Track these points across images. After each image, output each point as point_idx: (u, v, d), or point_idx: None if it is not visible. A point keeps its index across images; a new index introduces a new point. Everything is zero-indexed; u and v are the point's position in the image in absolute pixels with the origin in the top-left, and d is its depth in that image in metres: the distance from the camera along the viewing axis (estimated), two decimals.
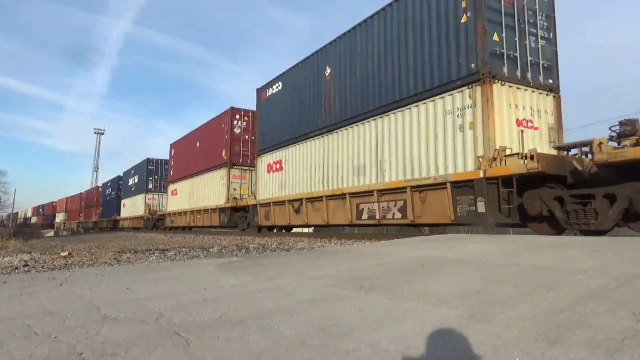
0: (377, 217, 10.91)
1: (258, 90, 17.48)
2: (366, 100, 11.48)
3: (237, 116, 20.04)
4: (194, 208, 23.14)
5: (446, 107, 9.22)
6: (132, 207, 34.12)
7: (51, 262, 6.31)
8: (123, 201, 37.29)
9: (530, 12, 9.26)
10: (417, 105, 9.92)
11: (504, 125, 8.58)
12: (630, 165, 6.41)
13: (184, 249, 8.56)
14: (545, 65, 9.31)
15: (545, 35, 9.43)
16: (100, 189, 46.74)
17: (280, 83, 15.91)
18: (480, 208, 8.25)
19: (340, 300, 2.87)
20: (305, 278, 3.82)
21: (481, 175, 8.21)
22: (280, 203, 15.22)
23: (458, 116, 8.94)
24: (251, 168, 19.38)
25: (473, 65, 8.60)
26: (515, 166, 7.67)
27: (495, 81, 8.51)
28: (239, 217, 19.04)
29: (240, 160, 19.88)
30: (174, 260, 6.36)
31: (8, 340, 2.19)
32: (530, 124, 8.94)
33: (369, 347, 1.95)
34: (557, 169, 7.41)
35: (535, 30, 9.27)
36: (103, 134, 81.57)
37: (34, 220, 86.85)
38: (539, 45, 9.26)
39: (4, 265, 5.88)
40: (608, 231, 6.95)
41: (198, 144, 23.45)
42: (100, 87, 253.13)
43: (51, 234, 44.15)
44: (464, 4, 8.82)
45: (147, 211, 30.54)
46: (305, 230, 17.59)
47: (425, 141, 9.69)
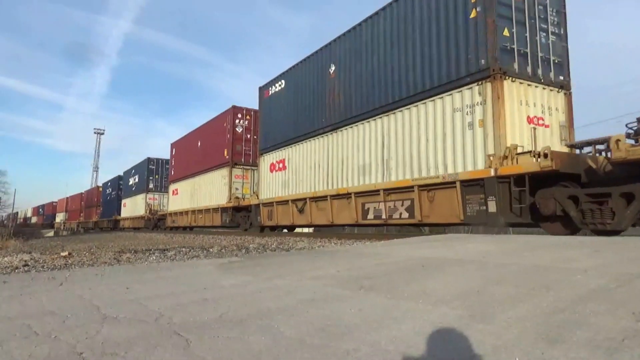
0: (384, 217, 10.72)
1: (260, 89, 17.26)
2: (372, 98, 11.30)
3: (239, 115, 19.89)
4: (195, 208, 23.05)
5: (455, 105, 9.04)
6: (133, 207, 34.06)
7: (51, 262, 6.31)
8: (123, 201, 37.24)
9: (541, 7, 9.09)
10: (425, 103, 9.74)
11: (515, 122, 8.38)
12: None
13: (184, 249, 8.57)
14: (556, 61, 9.11)
15: (556, 31, 9.22)
16: (100, 189, 46.68)
17: (283, 81, 15.69)
18: (491, 207, 8.05)
19: (340, 300, 2.87)
20: (305, 278, 3.82)
21: (492, 173, 8.00)
22: (283, 203, 15.03)
23: (467, 113, 8.76)
24: (253, 167, 19.27)
25: (483, 61, 8.41)
26: (528, 164, 7.48)
27: (506, 77, 8.30)
28: (241, 217, 18.94)
29: (242, 160, 19.74)
30: (174, 260, 6.36)
31: (8, 340, 2.19)
32: (541, 122, 8.73)
33: (369, 347, 1.95)
34: (571, 167, 7.23)
35: (545, 26, 9.07)
36: (103, 133, 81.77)
37: (34, 220, 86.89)
38: (550, 41, 9.06)
39: (4, 265, 5.89)
40: (622, 231, 6.82)
41: (199, 144, 23.34)
42: (100, 87, 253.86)
43: (51, 234, 44.13)
44: None
45: (148, 211, 30.48)
46: (305, 230, 17.57)
47: (433, 139, 9.50)
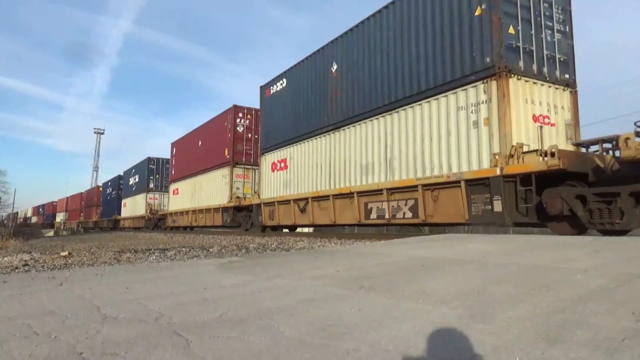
0: (387, 217, 10.62)
1: (262, 88, 17.14)
2: (375, 96, 11.20)
3: (240, 114, 19.80)
4: (196, 208, 22.99)
5: (459, 103, 8.95)
6: (133, 207, 34.03)
7: (51, 262, 6.31)
8: (124, 201, 37.22)
9: (546, 5, 9.01)
10: (429, 101, 9.65)
11: (521, 121, 8.29)
12: None
13: (184, 249, 8.57)
14: (562, 59, 9.03)
15: (561, 29, 9.13)
16: (100, 189, 46.66)
17: (284, 80, 15.56)
18: (497, 207, 7.95)
19: (340, 300, 2.87)
20: (305, 278, 3.82)
21: (498, 172, 7.91)
22: (285, 202, 14.93)
23: (472, 112, 8.67)
24: (254, 167, 19.21)
25: (488, 59, 8.32)
26: (535, 163, 7.41)
27: (512, 75, 8.22)
28: (242, 217, 18.87)
29: (244, 159, 19.66)
30: (174, 260, 6.36)
31: (8, 340, 2.19)
32: (547, 120, 8.63)
33: (369, 347, 1.95)
34: (579, 166, 7.15)
35: (551, 24, 8.99)
36: (103, 133, 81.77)
37: (34, 220, 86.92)
38: (555, 39, 8.97)
39: (4, 265, 5.89)
40: (629, 231, 6.75)
41: (200, 143, 23.27)
42: (100, 87, 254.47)
43: (51, 233, 44.11)
44: None
45: (148, 211, 30.45)
46: (305, 230, 17.55)
47: (437, 138, 9.41)
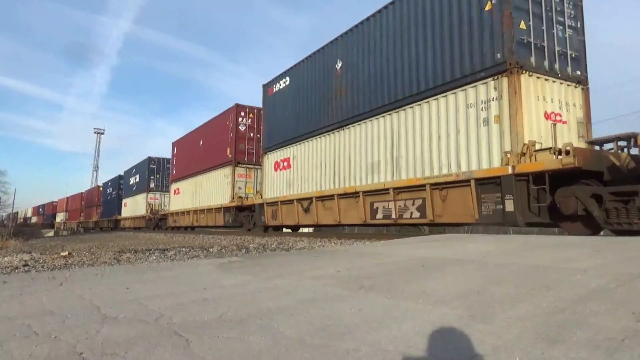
0: (394, 217, 10.41)
1: (264, 86, 16.95)
2: (381, 94, 11.02)
3: (242, 113, 19.63)
4: (197, 207, 22.89)
5: (469, 100, 8.77)
6: (134, 207, 34.02)
7: (51, 262, 6.31)
8: (124, 201, 37.21)
9: (557, 0, 8.86)
10: (437, 99, 9.46)
11: (532, 118, 8.10)
12: None
13: (184, 249, 8.57)
14: (573, 55, 8.85)
15: (573, 25, 8.96)
16: (101, 189, 46.67)
17: (287, 78, 15.38)
18: (509, 207, 7.74)
19: (340, 300, 2.87)
20: (305, 278, 3.82)
21: (510, 171, 7.71)
22: (288, 202, 14.75)
23: (482, 109, 8.49)
24: (256, 166, 19.08)
25: (499, 55, 8.13)
26: (549, 162, 7.24)
27: (523, 72, 8.02)
28: (244, 217, 18.73)
29: (246, 159, 19.51)
30: (174, 260, 6.36)
31: (8, 340, 2.19)
32: (558, 118, 8.44)
33: (369, 347, 1.95)
34: (594, 164, 6.98)
35: (562, 19, 8.82)
36: (103, 133, 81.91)
37: (34, 220, 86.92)
38: (567, 35, 8.80)
39: (4, 265, 5.89)
40: None
41: (201, 142, 23.15)
42: (100, 87, 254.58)
43: (51, 233, 44.12)
44: None
45: (149, 211, 30.41)
46: (305, 230, 17.52)
47: (445, 136, 9.21)
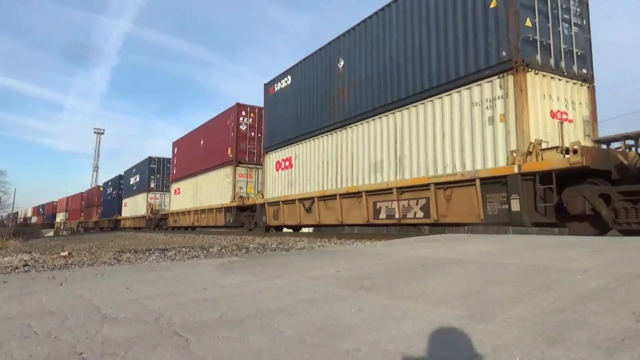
0: (397, 217, 10.34)
1: (266, 85, 16.89)
2: (384, 93, 10.95)
3: (243, 113, 19.53)
4: (198, 207, 22.83)
5: (473, 99, 8.69)
6: (134, 207, 34.00)
7: (51, 262, 6.31)
8: (124, 200, 37.21)
9: None
10: (441, 97, 9.38)
11: (538, 117, 8.00)
12: None
13: (184, 249, 8.57)
14: (579, 53, 8.77)
15: (579, 22, 8.89)
16: (101, 189, 46.69)
17: (289, 77, 15.34)
18: (515, 206, 7.65)
19: (340, 300, 2.87)
20: (305, 278, 3.82)
21: (516, 170, 7.64)
22: (290, 202, 14.70)
23: (487, 108, 8.41)
24: (257, 166, 19.04)
25: (504, 53, 8.05)
26: (556, 161, 7.17)
27: (529, 70, 7.94)
28: (245, 217, 18.64)
29: (247, 158, 19.42)
30: (174, 260, 6.36)
31: (8, 340, 2.19)
32: (564, 116, 8.33)
33: (369, 347, 1.95)
34: (602, 163, 6.92)
35: (568, 17, 8.74)
36: (103, 133, 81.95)
37: (34, 220, 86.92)
38: (572, 33, 8.72)
39: (4, 265, 5.89)
40: None
41: (202, 142, 23.08)
42: (100, 87, 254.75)
43: (51, 233, 44.13)
44: None
45: (150, 211, 30.37)
46: (305, 230, 17.51)
47: (450, 135, 9.13)
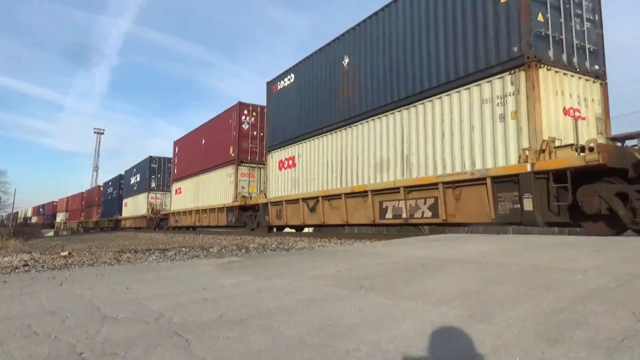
0: (404, 216, 10.20)
1: (268, 84, 16.76)
2: (390, 90, 10.78)
3: (245, 111, 19.40)
4: (199, 207, 22.72)
5: (483, 96, 8.52)
6: (135, 207, 33.96)
7: (51, 262, 6.31)
8: (125, 200, 37.16)
9: None
10: (449, 95, 9.20)
11: (551, 114, 7.83)
12: None
13: (184, 249, 8.57)
14: (592, 49, 8.60)
15: (591, 17, 8.73)
16: (101, 188, 46.66)
17: (292, 75, 15.19)
18: (527, 206, 7.47)
19: (340, 300, 2.87)
20: (305, 278, 3.82)
21: (529, 169, 7.47)
22: (293, 202, 14.55)
23: (498, 105, 8.23)
24: (260, 165, 18.96)
25: (516, 48, 7.86)
26: (571, 158, 7.03)
27: (541, 66, 7.76)
28: (248, 217, 18.51)
29: (249, 158, 19.27)
30: (174, 260, 6.36)
31: (8, 339, 2.19)
32: (577, 114, 8.18)
33: (369, 347, 1.95)
34: (619, 161, 6.77)
35: (580, 12, 8.56)
36: (103, 133, 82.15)
37: (34, 220, 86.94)
38: (585, 28, 8.55)
39: (4, 265, 5.89)
40: None
41: (204, 141, 22.97)
42: (100, 87, 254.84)
43: (51, 233, 44.13)
44: None
45: (150, 210, 30.31)
46: (305, 230, 17.50)
47: (459, 133, 8.97)
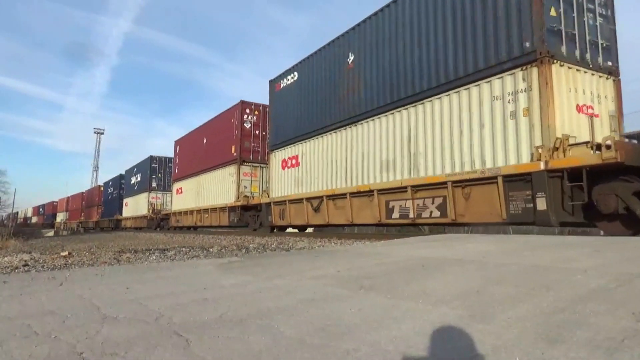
0: (411, 216, 10.02)
1: (271, 82, 16.49)
2: (397, 88, 10.57)
3: (247, 110, 19.27)
4: (201, 207, 22.57)
5: (494, 92, 8.33)
6: (135, 207, 33.89)
7: (51, 262, 6.31)
8: (125, 200, 37.08)
9: None
10: (458, 92, 9.00)
11: (564, 111, 7.63)
12: None
13: (184, 249, 8.57)
14: (604, 45, 8.40)
15: (604, 13, 8.53)
16: (101, 188, 46.58)
17: (296, 73, 15.00)
18: (541, 205, 7.27)
19: (340, 300, 2.87)
20: (305, 278, 3.82)
21: (542, 167, 7.27)
22: (297, 201, 14.36)
23: (509, 102, 8.04)
24: (262, 165, 18.87)
25: (528, 44, 7.68)
26: (586, 157, 6.86)
27: (554, 61, 7.56)
28: (250, 217, 18.34)
29: (251, 157, 19.11)
30: (174, 260, 6.36)
31: (8, 339, 2.19)
32: (590, 111, 7.97)
33: (369, 347, 1.95)
34: (637, 159, 6.63)
35: (593, 7, 8.38)
36: (103, 133, 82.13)
37: (34, 220, 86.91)
38: (597, 23, 8.36)
39: (4, 265, 5.88)
40: None
41: (205, 141, 22.84)
42: (100, 87, 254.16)
43: (51, 233, 44.13)
44: None
45: (151, 210, 30.22)
46: (308, 230, 17.46)
47: (468, 131, 8.76)
